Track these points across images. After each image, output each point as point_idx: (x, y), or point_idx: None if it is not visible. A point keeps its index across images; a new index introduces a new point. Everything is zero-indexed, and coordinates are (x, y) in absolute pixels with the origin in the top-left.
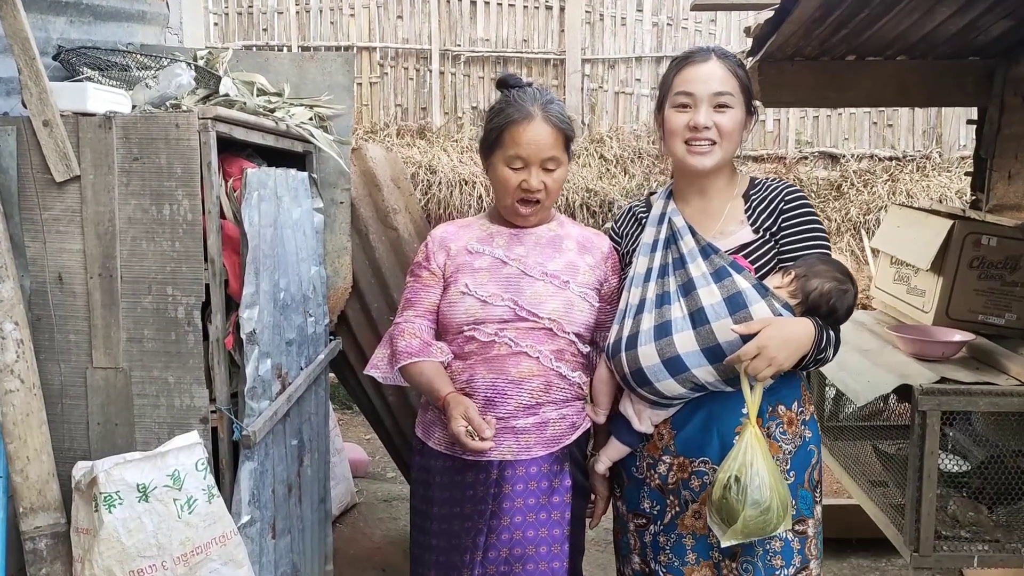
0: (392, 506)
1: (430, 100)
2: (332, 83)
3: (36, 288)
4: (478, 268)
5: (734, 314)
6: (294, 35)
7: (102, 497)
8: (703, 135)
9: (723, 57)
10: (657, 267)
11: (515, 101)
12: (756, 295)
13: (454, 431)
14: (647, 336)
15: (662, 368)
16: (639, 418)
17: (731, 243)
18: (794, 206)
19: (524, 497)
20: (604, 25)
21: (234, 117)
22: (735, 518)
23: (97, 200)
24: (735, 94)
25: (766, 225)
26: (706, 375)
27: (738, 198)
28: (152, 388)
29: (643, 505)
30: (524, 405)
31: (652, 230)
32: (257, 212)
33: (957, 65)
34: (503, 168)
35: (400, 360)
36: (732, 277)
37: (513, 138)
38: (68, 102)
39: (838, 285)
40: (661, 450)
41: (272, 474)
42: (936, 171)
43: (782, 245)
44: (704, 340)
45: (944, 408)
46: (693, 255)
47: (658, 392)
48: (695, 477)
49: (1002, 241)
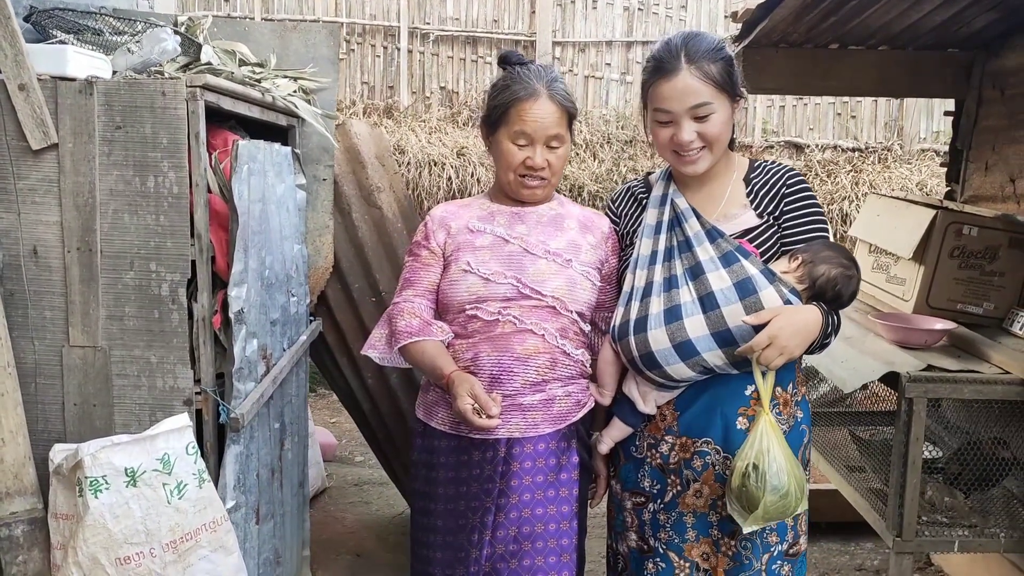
0: (363, 490)
1: (398, 79)
2: (316, 55)
3: (9, 262)
4: (480, 246)
5: (744, 299)
6: (257, 7)
7: (87, 481)
8: (691, 147)
9: (696, 60)
10: (663, 250)
11: (520, 78)
12: (764, 280)
13: (460, 409)
14: (657, 320)
15: (672, 352)
16: (644, 399)
17: (735, 227)
18: (796, 190)
19: (532, 474)
20: (575, 8)
21: (222, 86)
22: (756, 504)
23: (76, 170)
24: (712, 99)
25: (769, 209)
26: (715, 359)
27: (739, 181)
28: (133, 368)
29: (643, 484)
30: (530, 382)
31: (655, 211)
32: (247, 186)
33: (937, 56)
34: (508, 144)
35: (400, 340)
36: (741, 262)
37: (519, 115)
38: (46, 66)
39: (844, 271)
40: (663, 430)
41: (257, 458)
42: (897, 163)
43: (784, 229)
44: (714, 325)
45: (930, 395)
46: (699, 238)
47: (667, 375)
48: (697, 457)
49: (982, 231)
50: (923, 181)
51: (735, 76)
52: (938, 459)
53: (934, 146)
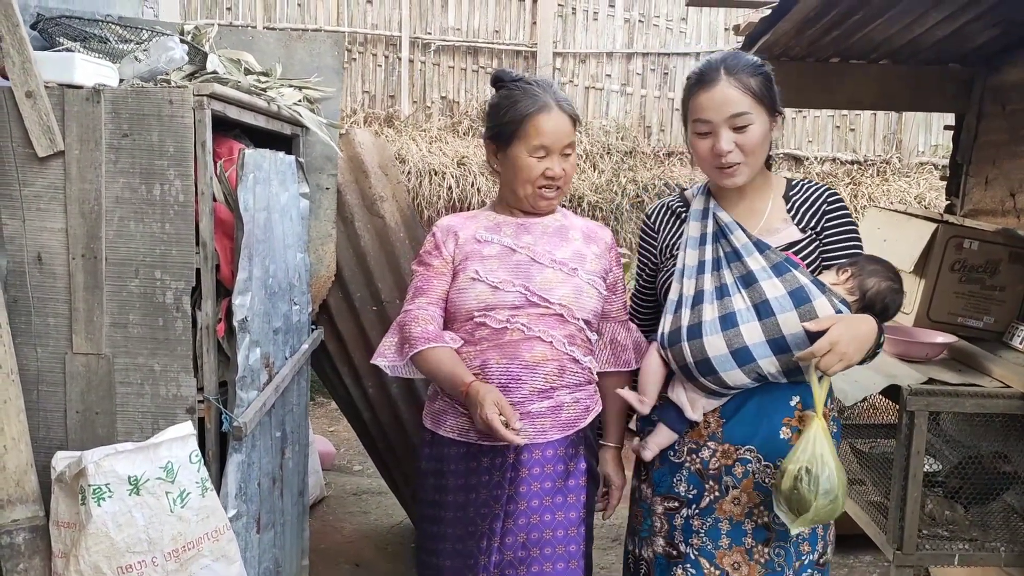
0: (361, 499)
1: (399, 88)
2: (321, 64)
3: (13, 268)
4: (487, 255)
5: (799, 307)
6: (259, 16)
7: (90, 490)
8: (729, 158)
9: (735, 73)
10: (710, 260)
11: (528, 92)
12: (816, 290)
13: (487, 418)
14: (712, 326)
15: (729, 358)
16: (692, 406)
17: (780, 240)
18: (836, 208)
19: (540, 481)
20: (576, 19)
21: (229, 95)
22: (807, 507)
23: (82, 177)
24: (751, 110)
25: (811, 224)
26: (770, 366)
27: (779, 198)
28: (136, 376)
29: (677, 488)
30: (538, 389)
31: (697, 224)
32: (252, 195)
33: (938, 71)
34: (526, 158)
35: (417, 346)
36: (792, 272)
37: (537, 128)
38: (53, 73)
39: (892, 284)
40: (707, 437)
41: (258, 467)
42: (896, 176)
43: (825, 244)
44: (770, 332)
45: (932, 409)
46: (748, 249)
47: (722, 382)
48: (739, 464)
49: (983, 245)
50: (921, 194)
51: (774, 91)
52: (938, 472)
53: (932, 159)
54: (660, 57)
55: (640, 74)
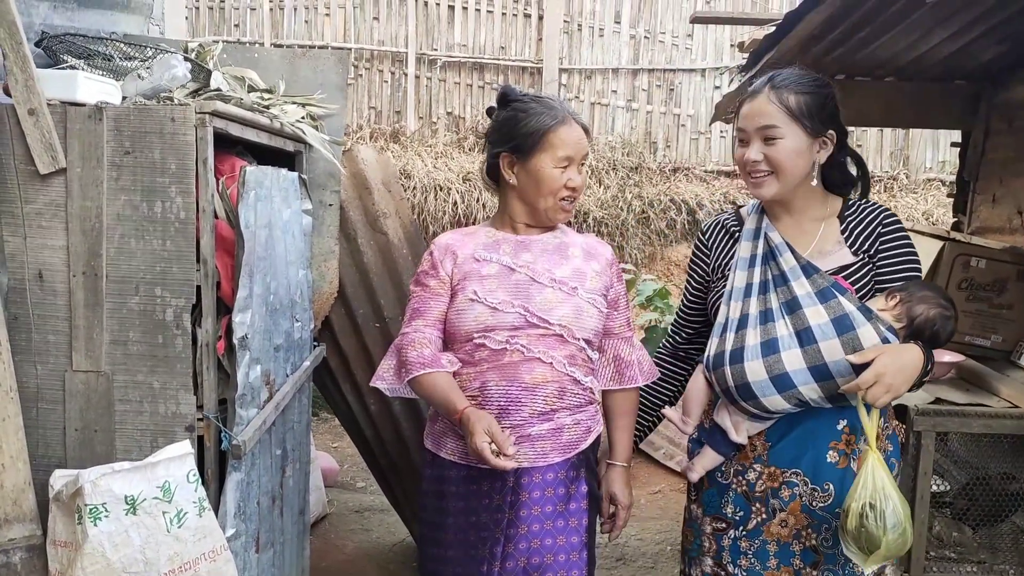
0: (364, 517)
1: (404, 104)
2: (324, 81)
3: (14, 285)
4: (486, 275)
5: (841, 335)
6: (267, 32)
7: (87, 509)
8: (757, 168)
9: (776, 87)
10: (757, 283)
11: (544, 105)
12: (862, 317)
13: (477, 447)
14: (753, 352)
15: (769, 384)
16: (736, 429)
17: (831, 264)
18: (892, 230)
19: (541, 504)
20: (582, 35)
21: (231, 113)
22: (877, 544)
23: (84, 194)
24: (782, 124)
25: (864, 247)
26: (811, 392)
27: (832, 219)
28: (136, 393)
29: (725, 510)
30: (538, 411)
31: (748, 244)
32: (253, 212)
33: (944, 88)
34: (550, 170)
35: (412, 371)
36: (838, 299)
37: (561, 139)
38: (56, 91)
39: (942, 311)
40: (752, 459)
41: (258, 485)
42: (903, 192)
43: (879, 268)
44: (811, 359)
45: (939, 429)
46: (795, 273)
47: (762, 407)
48: (785, 487)
49: (990, 263)
50: (929, 211)
51: (819, 113)
52: (946, 493)
53: (940, 176)
54: (666, 73)
55: (646, 90)
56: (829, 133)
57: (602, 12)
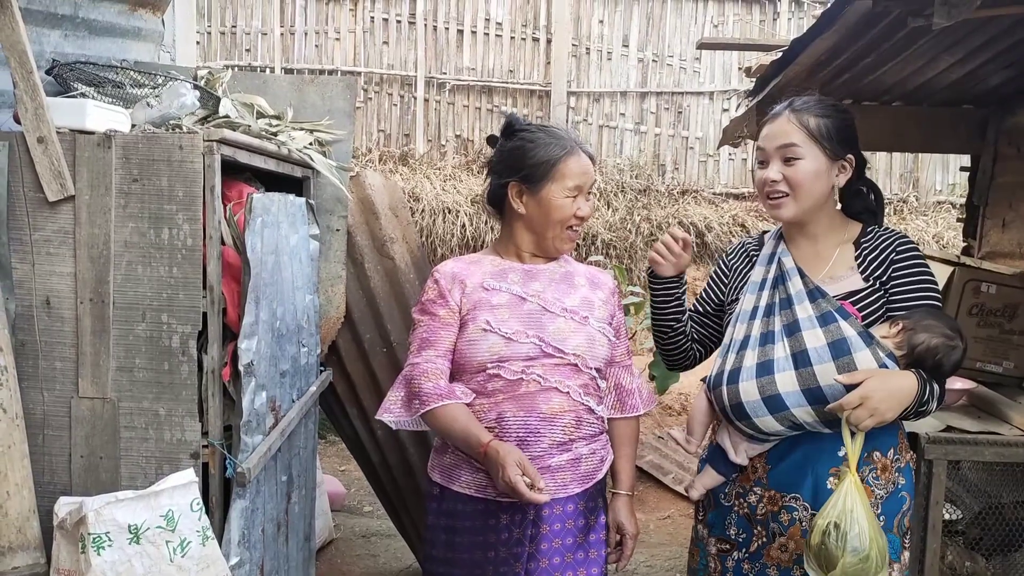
0: (370, 542)
1: (413, 127)
2: (332, 108)
3: (22, 312)
4: (497, 305)
5: (837, 359)
6: (278, 57)
7: (90, 538)
8: (775, 188)
9: (797, 110)
10: (763, 305)
11: (554, 135)
12: (861, 343)
13: (511, 480)
14: (749, 372)
15: (761, 404)
16: (735, 450)
17: (840, 289)
18: (906, 257)
19: (562, 537)
20: (590, 59)
21: (239, 140)
22: (834, 564)
23: (92, 222)
24: (802, 144)
25: (876, 274)
26: (805, 415)
27: (848, 244)
28: (141, 420)
29: (728, 531)
30: (557, 442)
31: (761, 269)
32: (260, 239)
33: (952, 113)
34: (560, 199)
35: (429, 403)
36: (838, 323)
37: (571, 169)
38: (65, 119)
39: (946, 341)
40: (753, 481)
41: (263, 512)
42: (913, 215)
43: (891, 295)
44: (805, 381)
45: (950, 457)
46: (800, 297)
47: (756, 427)
48: (785, 512)
49: (1001, 289)
50: (939, 233)
51: (839, 136)
52: (958, 521)
53: (950, 198)
54: (674, 96)
55: (654, 113)
56: (848, 157)
57: (610, 36)
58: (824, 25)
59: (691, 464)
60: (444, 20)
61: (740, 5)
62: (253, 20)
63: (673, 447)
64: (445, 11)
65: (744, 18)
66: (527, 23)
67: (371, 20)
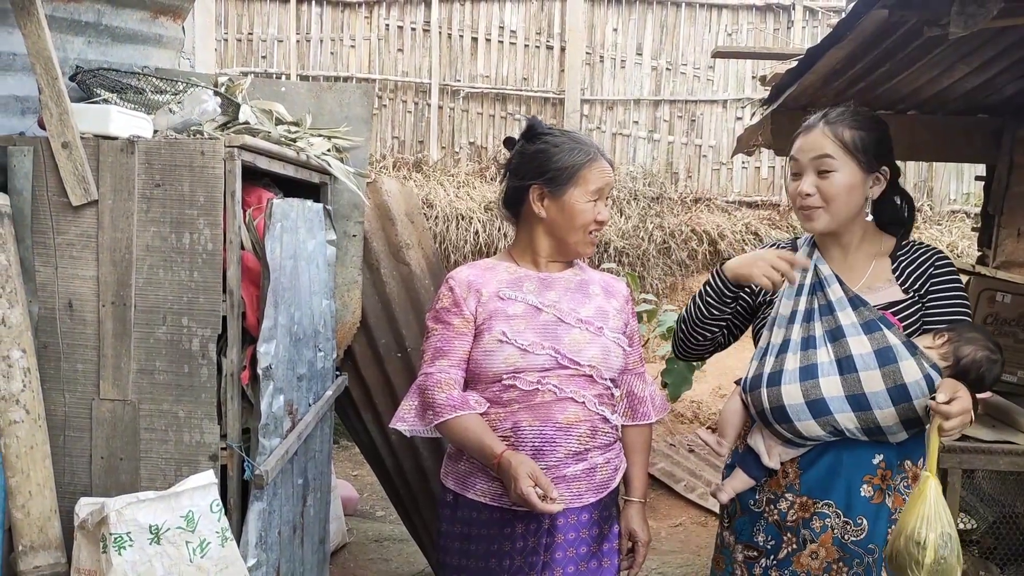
0: (383, 546)
1: (428, 134)
2: (350, 114)
3: (44, 314)
4: (513, 315)
5: (883, 367)
6: (293, 64)
7: (112, 538)
8: (808, 201)
9: (831, 122)
10: (802, 311)
11: (578, 141)
12: (906, 352)
13: (523, 492)
14: (792, 376)
15: (804, 408)
16: (769, 453)
17: (880, 299)
18: (944, 271)
19: (576, 546)
20: (604, 67)
21: (259, 146)
22: (918, 568)
23: (115, 226)
24: (837, 157)
25: (915, 287)
26: (847, 421)
27: (884, 257)
28: (161, 422)
29: (756, 538)
30: (572, 452)
31: (797, 274)
32: (279, 244)
33: (966, 122)
34: (583, 203)
35: (442, 414)
36: (883, 331)
37: (594, 175)
38: (90, 124)
39: (989, 354)
40: (784, 487)
41: (279, 515)
42: (927, 224)
43: (928, 308)
44: (850, 387)
45: (965, 466)
46: (842, 304)
47: (796, 431)
48: (817, 518)
49: (1016, 298)
50: (954, 243)
51: (874, 149)
52: (973, 531)
53: (964, 208)
54: (687, 104)
55: (667, 121)
56: (883, 169)
57: (624, 44)
58: (840, 34)
59: (702, 472)
60: (459, 28)
61: (754, 14)
62: (269, 27)
63: (684, 454)
64: (460, 19)
65: (758, 27)
66: (541, 31)
67: (386, 28)
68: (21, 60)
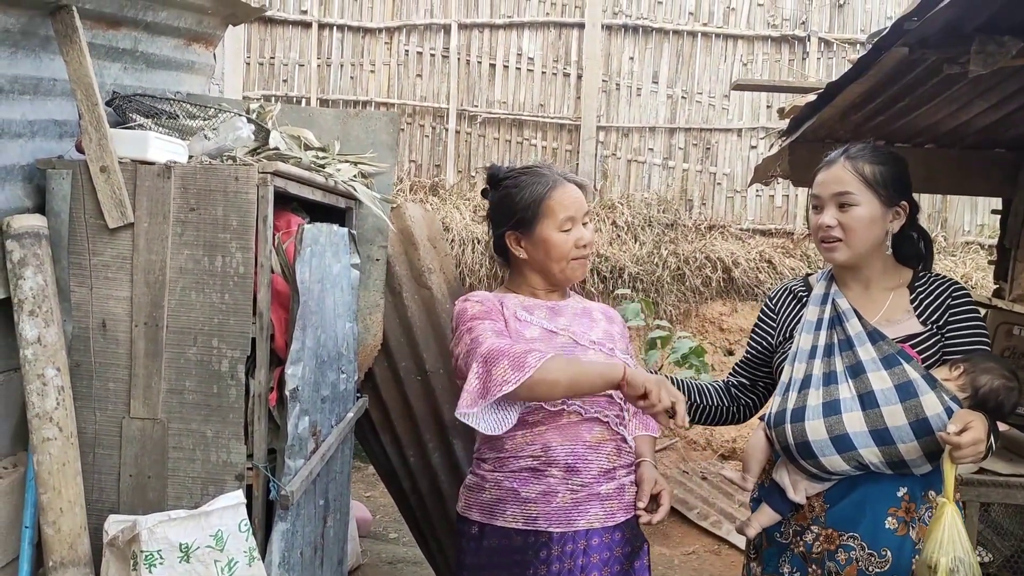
0: (396, 568)
1: (444, 158)
2: (376, 141)
3: (78, 334)
4: (530, 338)
5: (904, 402)
6: (314, 88)
7: (143, 555)
8: (829, 233)
9: (852, 157)
10: (822, 345)
11: (535, 174)
12: (926, 385)
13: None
14: (815, 412)
15: (829, 444)
16: (794, 488)
17: (898, 332)
18: (962, 303)
19: (611, 565)
20: (620, 94)
21: (291, 172)
22: None
23: (149, 248)
24: (857, 192)
25: (933, 319)
26: (871, 456)
27: (902, 289)
28: (189, 441)
29: (782, 569)
30: (604, 470)
31: (816, 308)
32: (308, 268)
33: (983, 156)
34: (556, 235)
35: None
36: (903, 366)
37: (561, 203)
38: (128, 150)
39: (1006, 383)
40: (810, 520)
41: (302, 535)
42: (942, 255)
43: (947, 340)
44: (873, 423)
45: (982, 499)
46: (861, 339)
47: (821, 466)
48: (842, 551)
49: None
50: (968, 274)
51: (894, 184)
52: (990, 564)
53: (979, 239)
54: (702, 132)
55: (682, 148)
56: (902, 204)
57: (640, 72)
58: (860, 70)
59: (716, 500)
60: (477, 54)
61: (769, 44)
62: (291, 52)
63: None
64: (478, 46)
65: (773, 57)
66: (558, 59)
67: (405, 53)
68: (61, 85)
